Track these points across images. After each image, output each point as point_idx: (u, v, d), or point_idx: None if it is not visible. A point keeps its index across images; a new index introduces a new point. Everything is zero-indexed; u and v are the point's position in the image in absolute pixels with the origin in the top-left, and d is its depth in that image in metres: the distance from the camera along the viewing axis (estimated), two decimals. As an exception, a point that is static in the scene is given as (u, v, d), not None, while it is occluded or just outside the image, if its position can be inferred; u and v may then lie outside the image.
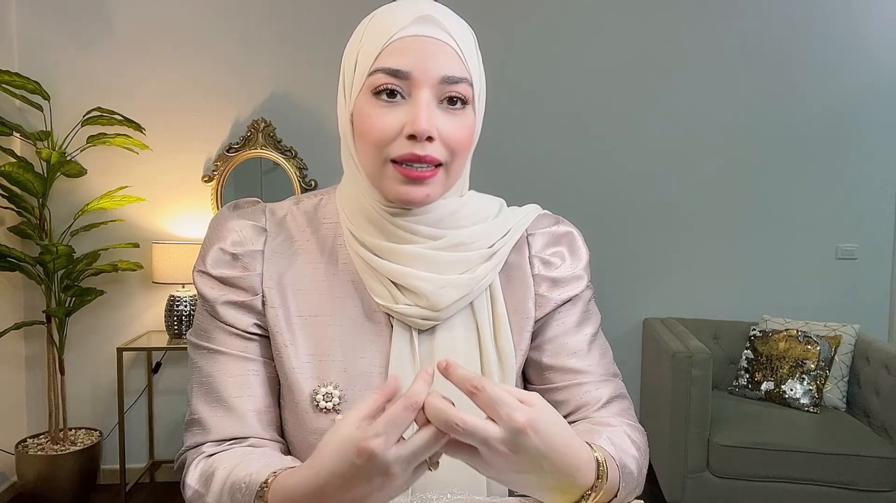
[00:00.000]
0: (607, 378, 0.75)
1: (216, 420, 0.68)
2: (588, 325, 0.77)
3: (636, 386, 3.00)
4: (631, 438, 0.68)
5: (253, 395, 0.69)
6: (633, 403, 0.77)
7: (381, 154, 0.65)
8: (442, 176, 0.66)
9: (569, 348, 0.74)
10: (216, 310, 0.70)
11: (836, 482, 2.25)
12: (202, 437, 0.68)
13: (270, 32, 2.77)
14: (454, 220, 0.71)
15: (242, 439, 0.68)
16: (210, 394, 0.69)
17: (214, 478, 0.62)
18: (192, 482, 0.65)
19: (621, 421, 0.72)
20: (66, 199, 2.64)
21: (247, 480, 0.57)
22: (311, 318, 0.70)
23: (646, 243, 3.00)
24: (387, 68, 0.63)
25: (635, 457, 0.66)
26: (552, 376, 0.74)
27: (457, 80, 0.64)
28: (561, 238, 0.78)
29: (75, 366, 2.70)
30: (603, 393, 0.73)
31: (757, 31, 2.94)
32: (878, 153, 2.97)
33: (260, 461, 0.61)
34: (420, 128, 0.62)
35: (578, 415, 0.73)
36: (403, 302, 0.68)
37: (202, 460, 0.66)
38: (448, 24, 0.65)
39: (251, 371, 0.70)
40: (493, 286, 0.73)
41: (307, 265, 0.72)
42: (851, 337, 2.65)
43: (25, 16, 2.64)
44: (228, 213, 0.74)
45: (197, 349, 0.71)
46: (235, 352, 0.70)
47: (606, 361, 0.76)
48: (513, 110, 2.90)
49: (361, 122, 0.65)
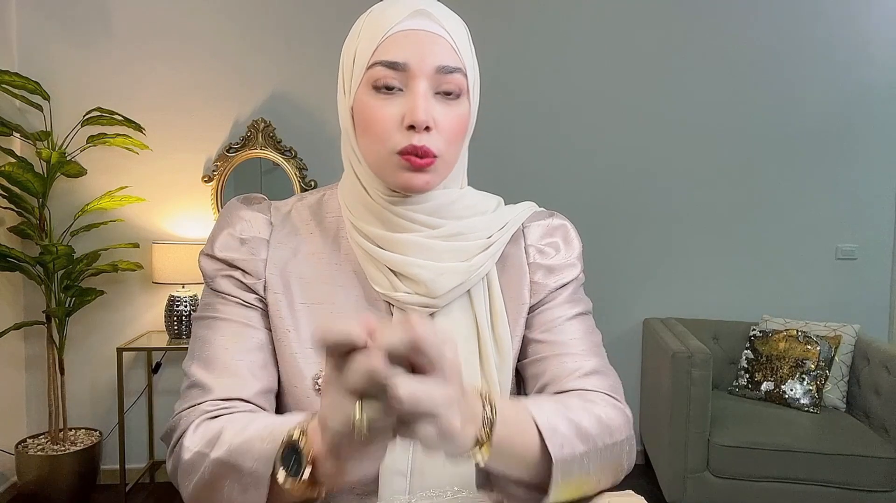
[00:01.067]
0: (591, 354, 0.74)
1: (216, 381, 0.67)
2: (576, 306, 0.77)
3: (636, 386, 3.00)
4: (590, 413, 0.65)
5: (254, 360, 0.69)
6: (621, 384, 0.75)
7: (384, 145, 0.67)
8: (440, 164, 0.69)
9: (552, 322, 0.75)
10: (219, 283, 0.72)
11: (836, 482, 2.25)
12: (201, 397, 0.66)
13: (270, 32, 2.77)
14: (452, 211, 0.73)
15: (242, 401, 0.67)
16: (209, 359, 0.68)
17: (221, 439, 0.59)
18: (192, 444, 0.62)
19: (602, 397, 0.69)
20: (66, 199, 2.64)
21: (269, 429, 0.56)
22: (313, 306, 0.72)
23: (645, 243, 3.00)
24: (384, 61, 0.66)
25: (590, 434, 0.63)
26: (535, 347, 0.75)
27: (451, 69, 0.67)
28: (555, 230, 0.80)
29: (75, 367, 2.70)
30: (584, 364, 0.72)
31: (757, 31, 2.94)
32: (877, 153, 2.97)
33: (273, 418, 0.59)
34: (418, 118, 0.65)
35: (556, 385, 0.72)
36: (402, 290, 0.70)
37: (204, 422, 0.64)
38: (442, 17, 0.68)
39: (252, 338, 0.71)
40: (490, 275, 0.75)
41: (311, 255, 0.74)
42: (851, 337, 2.65)
43: (25, 16, 2.64)
44: (238, 203, 0.77)
45: (199, 321, 0.72)
46: (237, 319, 0.71)
47: (592, 339, 0.76)
48: (511, 110, 2.90)
49: (362, 115, 0.68)
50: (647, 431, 2.82)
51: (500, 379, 0.72)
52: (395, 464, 0.68)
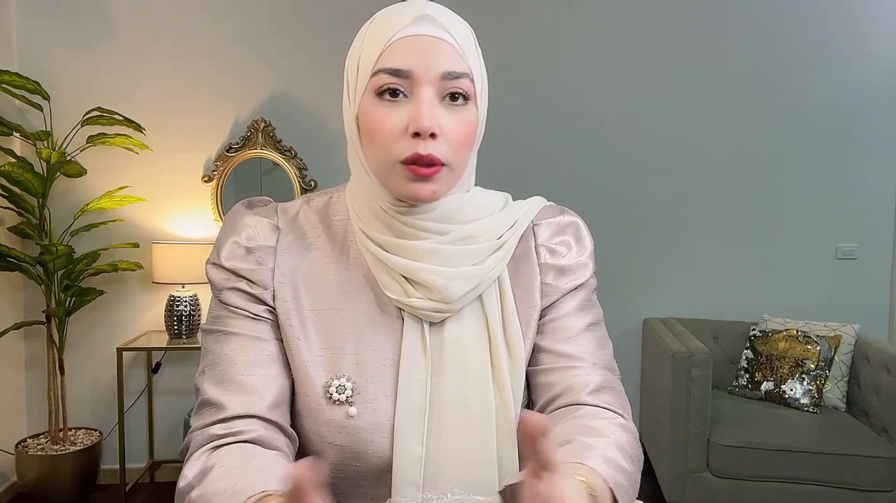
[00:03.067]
0: (601, 368, 0.74)
1: (229, 398, 0.67)
2: (588, 314, 0.77)
3: (636, 386, 3.00)
4: (623, 449, 0.65)
5: (266, 374, 0.69)
6: (629, 402, 0.75)
7: (388, 154, 0.66)
8: (446, 172, 0.67)
9: (564, 332, 0.74)
10: (227, 296, 0.71)
11: (836, 482, 2.25)
12: (213, 416, 0.67)
13: (270, 32, 2.77)
14: (461, 215, 0.72)
15: (255, 417, 0.67)
16: (222, 375, 0.68)
17: (208, 477, 0.61)
18: (189, 474, 0.63)
19: (612, 424, 0.68)
20: (66, 199, 2.64)
21: (235, 488, 0.57)
22: (323, 312, 0.71)
23: (646, 243, 3.00)
24: (388, 68, 0.64)
25: (628, 470, 0.63)
26: (544, 358, 0.74)
27: (457, 75, 0.65)
28: (566, 227, 0.79)
29: (75, 366, 2.70)
30: (593, 379, 0.72)
31: (757, 31, 2.94)
32: (878, 153, 2.97)
33: (251, 475, 0.59)
34: (423, 125, 0.63)
35: (566, 398, 0.71)
36: (415, 296, 0.69)
37: (206, 452, 0.64)
38: (446, 22, 0.66)
39: (264, 351, 0.70)
40: (502, 277, 0.74)
41: (319, 260, 0.73)
42: (851, 337, 2.65)
43: (25, 16, 2.64)
44: (243, 209, 0.75)
45: (209, 334, 0.71)
46: (247, 332, 0.70)
47: (603, 353, 0.76)
48: (513, 109, 2.91)
49: (367, 123, 0.66)
50: (647, 431, 2.82)
51: (511, 383, 0.71)
52: (409, 477, 0.67)
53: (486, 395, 0.70)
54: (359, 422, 0.68)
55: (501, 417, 0.70)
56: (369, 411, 0.68)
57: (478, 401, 0.70)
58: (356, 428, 0.68)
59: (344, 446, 0.68)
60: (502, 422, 0.70)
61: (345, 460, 0.69)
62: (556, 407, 0.71)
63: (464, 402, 0.69)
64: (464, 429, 0.69)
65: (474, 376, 0.70)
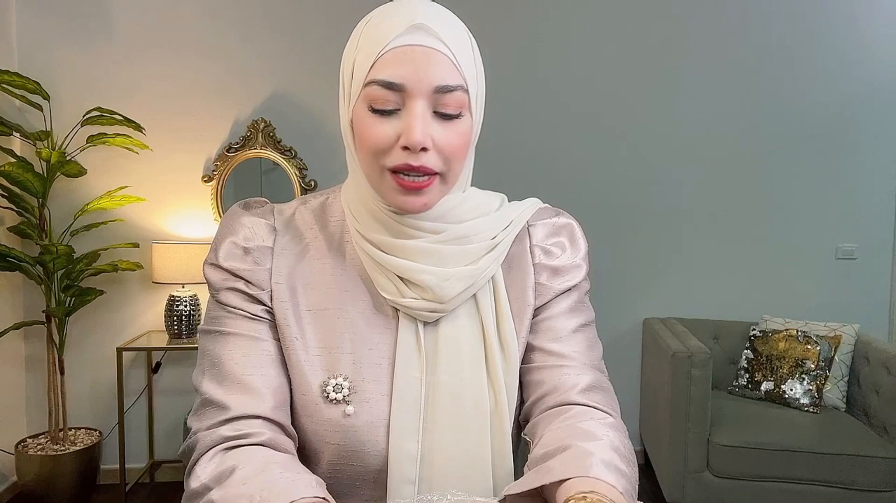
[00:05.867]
0: (591, 368, 0.74)
1: (232, 398, 0.67)
2: (580, 316, 0.77)
3: (636, 386, 3.00)
4: (618, 451, 0.65)
5: (265, 374, 0.69)
6: (617, 400, 0.75)
7: (378, 163, 0.66)
8: (438, 183, 0.68)
9: (556, 332, 0.75)
10: (225, 296, 0.71)
11: (836, 482, 2.25)
12: (218, 416, 0.66)
13: (270, 32, 2.77)
14: (456, 215, 0.72)
15: (260, 418, 0.67)
16: (223, 375, 0.68)
17: (232, 478, 0.60)
18: (203, 474, 0.62)
19: (603, 425, 0.68)
20: (66, 198, 2.64)
21: (264, 494, 0.57)
22: (319, 312, 0.72)
23: (646, 243, 3.00)
24: (381, 80, 0.63)
25: (627, 473, 0.63)
26: (534, 356, 0.75)
27: (451, 88, 0.64)
28: (561, 229, 0.80)
29: (75, 366, 2.70)
30: (583, 379, 0.72)
31: (758, 31, 2.94)
32: (878, 153, 2.97)
33: (281, 479, 0.59)
34: (414, 139, 0.63)
35: (555, 396, 0.72)
36: (410, 296, 0.70)
37: (220, 453, 0.64)
38: (441, 30, 0.65)
39: (263, 351, 0.70)
40: (496, 278, 0.74)
41: (316, 261, 0.74)
42: (851, 337, 2.65)
43: (25, 16, 2.64)
44: (240, 210, 0.76)
45: (207, 335, 0.72)
46: (245, 332, 0.70)
47: (593, 354, 0.76)
48: (512, 109, 2.91)
49: (359, 131, 0.67)
50: (647, 431, 2.82)
51: (505, 381, 0.71)
52: (404, 473, 0.68)
53: (480, 394, 0.71)
54: (355, 420, 0.69)
55: (495, 415, 0.71)
56: (366, 410, 0.69)
57: (472, 400, 0.70)
58: (353, 426, 0.68)
59: (341, 445, 0.69)
60: (496, 420, 0.71)
61: (342, 459, 0.69)
62: (546, 405, 0.72)
63: (458, 401, 0.70)
64: (458, 426, 0.70)
65: (469, 375, 0.71)
